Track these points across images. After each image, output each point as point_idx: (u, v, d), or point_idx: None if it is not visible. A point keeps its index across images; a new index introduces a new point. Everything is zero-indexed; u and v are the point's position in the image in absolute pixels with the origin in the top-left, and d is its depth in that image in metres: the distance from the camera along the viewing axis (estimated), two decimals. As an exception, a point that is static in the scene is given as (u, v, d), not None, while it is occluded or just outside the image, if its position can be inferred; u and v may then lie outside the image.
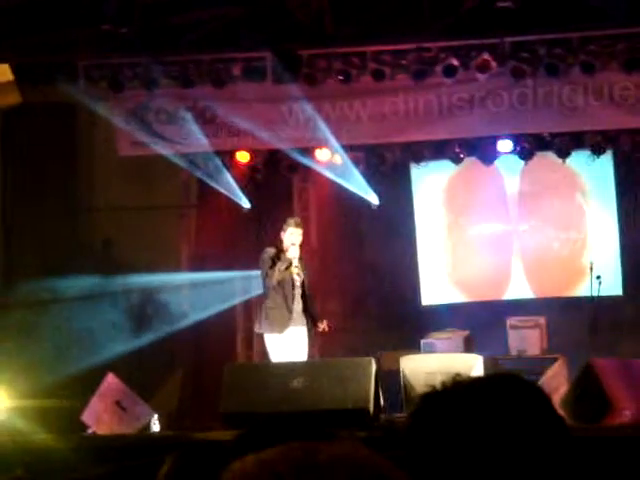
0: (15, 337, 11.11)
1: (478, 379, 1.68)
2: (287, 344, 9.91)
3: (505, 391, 1.63)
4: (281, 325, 9.92)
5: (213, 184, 12.24)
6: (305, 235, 10.31)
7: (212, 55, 11.69)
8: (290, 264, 9.82)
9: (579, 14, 10.98)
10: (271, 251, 9.98)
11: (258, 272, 10.45)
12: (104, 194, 12.79)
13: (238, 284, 12.26)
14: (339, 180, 12.26)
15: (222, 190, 12.27)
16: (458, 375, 1.66)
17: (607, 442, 7.47)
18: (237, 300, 12.44)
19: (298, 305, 9.98)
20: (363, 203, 12.48)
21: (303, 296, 10.01)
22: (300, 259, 10.05)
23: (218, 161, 12.13)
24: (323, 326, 10.01)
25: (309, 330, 9.99)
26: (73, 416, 9.53)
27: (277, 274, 9.85)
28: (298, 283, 10.01)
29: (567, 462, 1.62)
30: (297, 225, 10.00)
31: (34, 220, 12.16)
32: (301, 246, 10.06)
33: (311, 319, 9.94)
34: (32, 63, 11.54)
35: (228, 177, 12.27)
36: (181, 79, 11.74)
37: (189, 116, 11.92)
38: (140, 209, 12.58)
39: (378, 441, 7.00)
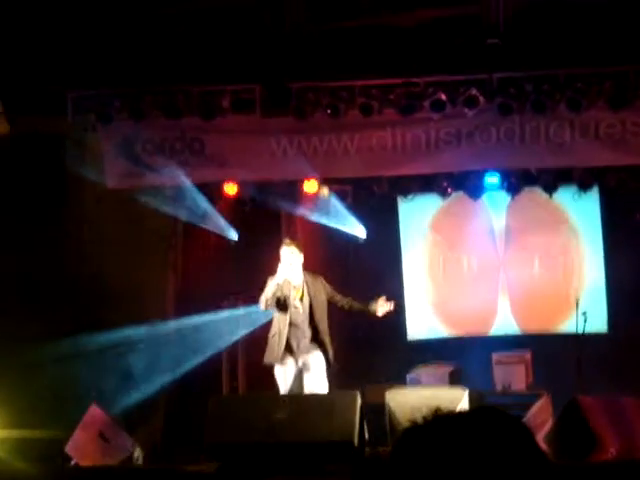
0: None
1: (460, 413, 1.68)
2: (291, 376, 9.78)
3: (487, 425, 1.63)
4: (275, 354, 9.78)
5: (199, 223, 12.24)
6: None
7: (201, 87, 11.73)
8: (279, 289, 9.70)
9: (566, 51, 11.07)
10: (271, 278, 9.87)
11: (244, 310, 10.38)
12: (92, 226, 12.76)
13: (224, 326, 12.20)
14: (324, 217, 12.30)
15: (208, 227, 12.27)
16: (439, 409, 1.66)
17: (592, 479, 7.46)
18: (224, 343, 12.35)
19: (298, 332, 9.85)
20: (350, 236, 12.49)
21: (312, 322, 9.87)
22: (310, 281, 9.91)
23: (203, 198, 12.12)
24: (385, 306, 9.87)
25: (326, 357, 9.85)
26: (57, 447, 9.48)
27: (264, 300, 9.73)
28: (301, 309, 9.87)
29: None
30: (286, 243, 9.87)
31: (20, 254, 12.13)
32: (307, 269, 9.96)
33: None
34: (21, 93, 11.56)
35: (214, 211, 12.27)
36: (170, 110, 11.76)
37: (177, 147, 11.94)
38: (127, 238, 12.55)
39: (363, 475, 6.98)
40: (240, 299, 12.18)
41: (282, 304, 9.77)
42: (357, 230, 12.50)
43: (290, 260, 9.72)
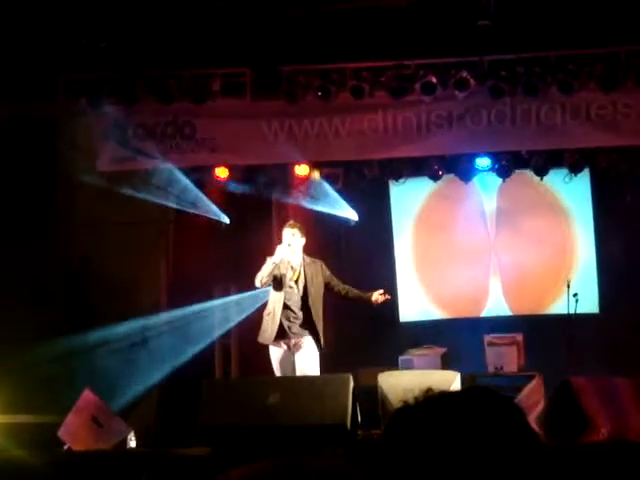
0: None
1: (452, 393, 1.68)
2: (284, 356, 9.81)
3: (479, 405, 1.64)
4: (268, 334, 9.80)
5: (190, 209, 12.23)
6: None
7: (192, 71, 11.71)
8: (276, 267, 9.70)
9: (557, 33, 11.06)
10: (271, 257, 9.86)
11: (238, 296, 10.37)
12: (83, 209, 12.74)
13: (219, 314, 12.18)
14: (316, 201, 12.29)
15: (199, 212, 12.26)
16: (431, 390, 1.66)
17: (584, 459, 7.48)
18: (220, 331, 12.33)
19: (291, 314, 9.87)
20: (342, 220, 12.49)
21: (305, 305, 9.88)
22: (308, 264, 9.93)
23: (192, 185, 12.11)
24: (377, 297, 9.88)
25: (317, 342, 9.85)
26: (49, 432, 9.48)
27: (259, 277, 9.72)
28: (295, 290, 9.88)
29: (540, 477, 1.62)
30: (289, 225, 9.83)
31: (12, 237, 12.09)
32: (308, 252, 9.96)
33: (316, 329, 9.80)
34: (12, 77, 11.52)
35: (204, 197, 12.26)
36: (161, 95, 11.74)
37: (168, 132, 11.93)
38: (119, 224, 12.53)
39: (355, 457, 7.00)
40: (232, 285, 12.19)
41: (278, 282, 9.78)
42: (349, 214, 12.50)
43: (289, 241, 9.72)
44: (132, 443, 9.91)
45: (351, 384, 9.01)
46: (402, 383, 9.36)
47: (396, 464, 1.61)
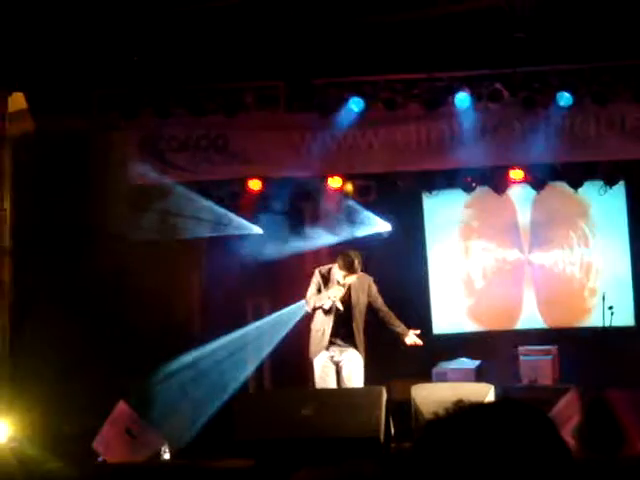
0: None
1: (483, 405, 1.68)
2: (327, 367, 9.81)
3: (509, 417, 1.63)
4: (316, 348, 9.82)
5: (223, 232, 12.25)
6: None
7: (225, 84, 11.75)
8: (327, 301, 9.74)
9: (591, 44, 11.01)
10: (321, 273, 9.84)
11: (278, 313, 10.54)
12: (116, 223, 12.78)
13: (261, 332, 12.18)
14: (347, 217, 12.30)
15: (233, 233, 12.28)
16: (461, 401, 1.66)
17: (620, 474, 7.43)
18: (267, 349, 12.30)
19: (336, 330, 9.85)
20: (374, 234, 12.47)
21: (350, 322, 9.86)
22: (355, 283, 9.85)
23: (224, 210, 12.16)
24: (411, 340, 9.91)
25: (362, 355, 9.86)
26: (84, 444, 9.52)
27: (311, 304, 9.76)
28: (342, 309, 9.82)
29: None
30: (349, 270, 9.73)
31: (45, 250, 12.15)
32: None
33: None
34: (46, 91, 11.61)
35: (235, 217, 12.29)
36: (194, 107, 11.79)
37: (201, 145, 11.97)
38: (153, 239, 12.56)
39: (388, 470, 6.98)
40: (265, 299, 12.21)
41: (328, 308, 9.81)
42: (382, 226, 12.48)
43: (347, 281, 9.70)
44: (166, 455, 9.93)
45: (384, 396, 9.00)
46: (435, 395, 9.34)
47: (427, 476, 1.61)
